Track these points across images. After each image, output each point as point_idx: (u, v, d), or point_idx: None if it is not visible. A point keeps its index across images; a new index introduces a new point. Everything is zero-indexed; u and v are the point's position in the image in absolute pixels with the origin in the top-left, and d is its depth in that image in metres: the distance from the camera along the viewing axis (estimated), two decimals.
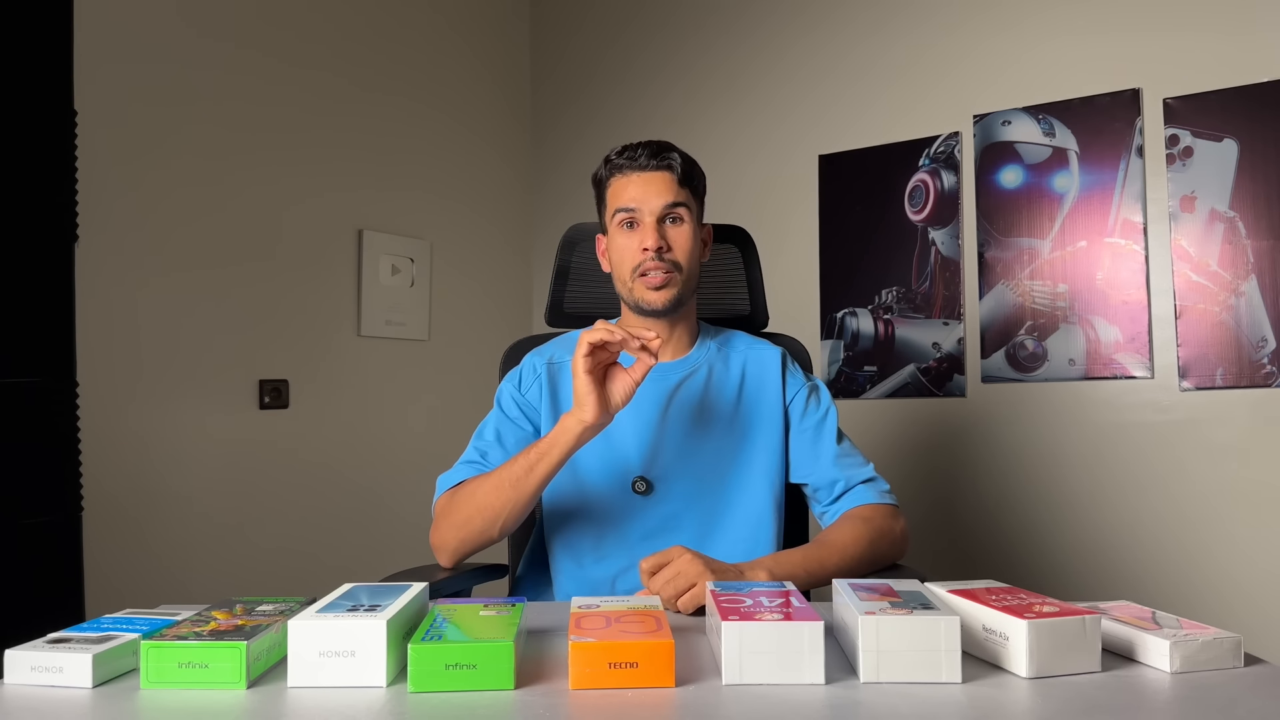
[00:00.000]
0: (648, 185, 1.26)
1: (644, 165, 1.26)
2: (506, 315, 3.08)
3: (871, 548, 1.19)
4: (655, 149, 1.27)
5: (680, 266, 1.26)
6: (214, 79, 2.25)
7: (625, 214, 1.27)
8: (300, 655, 0.75)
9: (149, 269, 2.11)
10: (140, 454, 2.09)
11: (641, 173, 1.27)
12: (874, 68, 2.55)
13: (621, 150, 1.29)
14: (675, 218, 1.27)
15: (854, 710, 0.69)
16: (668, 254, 1.25)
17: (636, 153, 1.27)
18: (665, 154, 1.27)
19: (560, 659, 0.81)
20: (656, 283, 1.25)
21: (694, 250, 1.28)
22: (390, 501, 2.63)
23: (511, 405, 1.32)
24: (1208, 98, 2.08)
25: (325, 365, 2.50)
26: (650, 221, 1.25)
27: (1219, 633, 0.79)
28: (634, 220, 1.26)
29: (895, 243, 2.49)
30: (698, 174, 1.31)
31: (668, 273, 1.25)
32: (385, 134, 2.69)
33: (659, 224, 1.25)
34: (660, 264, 1.24)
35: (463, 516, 1.20)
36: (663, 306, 1.26)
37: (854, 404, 2.53)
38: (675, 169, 1.26)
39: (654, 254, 1.24)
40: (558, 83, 3.17)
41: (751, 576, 1.06)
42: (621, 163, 1.28)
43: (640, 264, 1.25)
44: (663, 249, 1.24)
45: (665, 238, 1.25)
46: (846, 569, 1.14)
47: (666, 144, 1.29)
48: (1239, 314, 2.04)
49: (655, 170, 1.26)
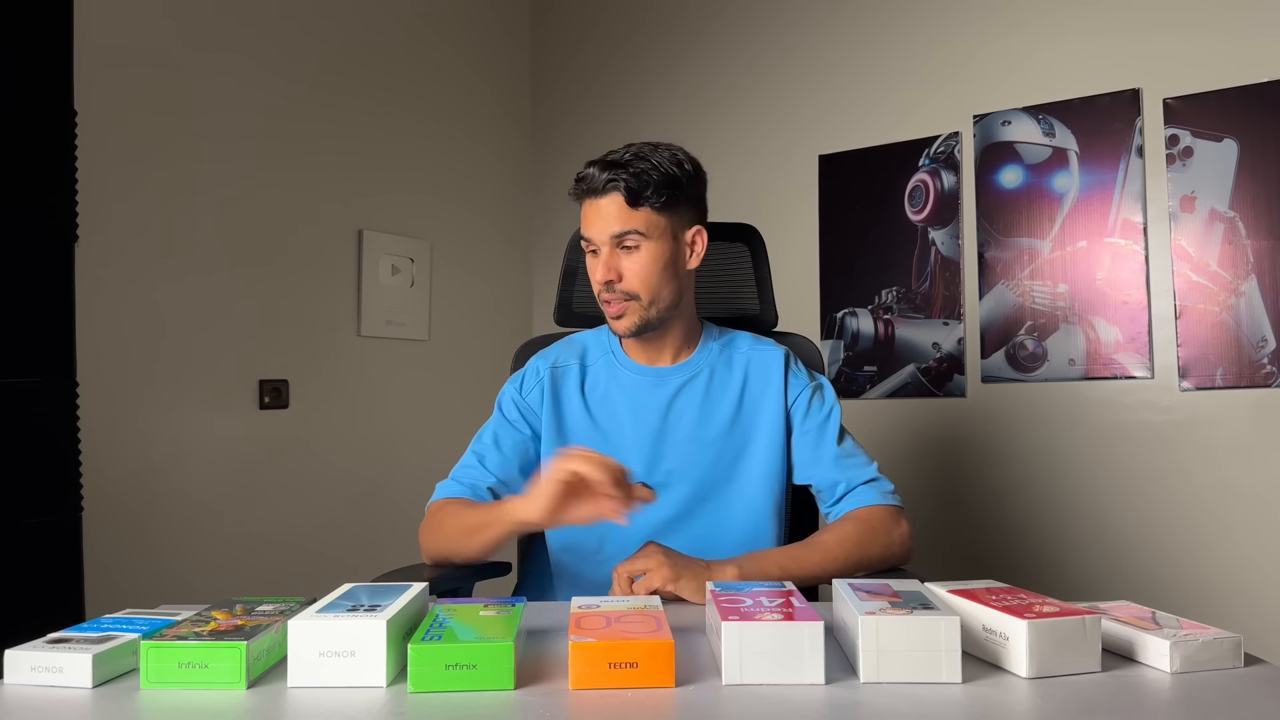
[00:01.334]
0: (598, 214, 1.22)
1: (596, 190, 1.21)
2: (507, 316, 3.08)
3: (860, 549, 1.19)
4: (604, 168, 1.20)
5: (636, 294, 1.23)
6: (215, 80, 2.25)
7: (586, 242, 1.25)
8: (300, 655, 0.75)
9: (149, 269, 2.11)
10: (140, 454, 2.09)
11: (594, 199, 1.22)
12: (874, 68, 2.55)
13: (582, 172, 1.23)
14: (629, 245, 1.21)
15: (854, 710, 0.69)
16: (619, 284, 1.22)
17: (589, 176, 1.21)
18: (614, 173, 1.19)
19: (560, 659, 0.81)
20: (612, 312, 1.24)
21: (653, 274, 1.22)
22: (390, 501, 2.63)
23: (511, 408, 1.32)
24: (1208, 98, 2.08)
25: (325, 365, 2.50)
26: (604, 251, 1.22)
27: (1219, 633, 0.79)
28: (594, 249, 1.24)
29: (895, 243, 2.49)
30: (665, 184, 1.21)
31: (623, 302, 1.23)
32: (385, 135, 2.68)
33: (615, 250, 1.22)
34: (614, 294, 1.23)
35: (438, 540, 1.22)
36: (624, 334, 1.26)
37: (854, 404, 2.53)
38: (623, 190, 1.19)
39: (604, 286, 1.23)
40: (558, 84, 3.17)
41: (718, 574, 1.07)
42: (581, 189, 1.23)
43: (599, 293, 1.25)
44: (613, 280, 1.22)
45: (619, 266, 1.22)
46: (829, 570, 1.14)
47: (620, 159, 1.21)
48: (1239, 314, 2.04)
49: (604, 194, 1.21)
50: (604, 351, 1.35)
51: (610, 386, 1.31)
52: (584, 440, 1.28)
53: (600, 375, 1.33)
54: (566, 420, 1.30)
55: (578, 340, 1.38)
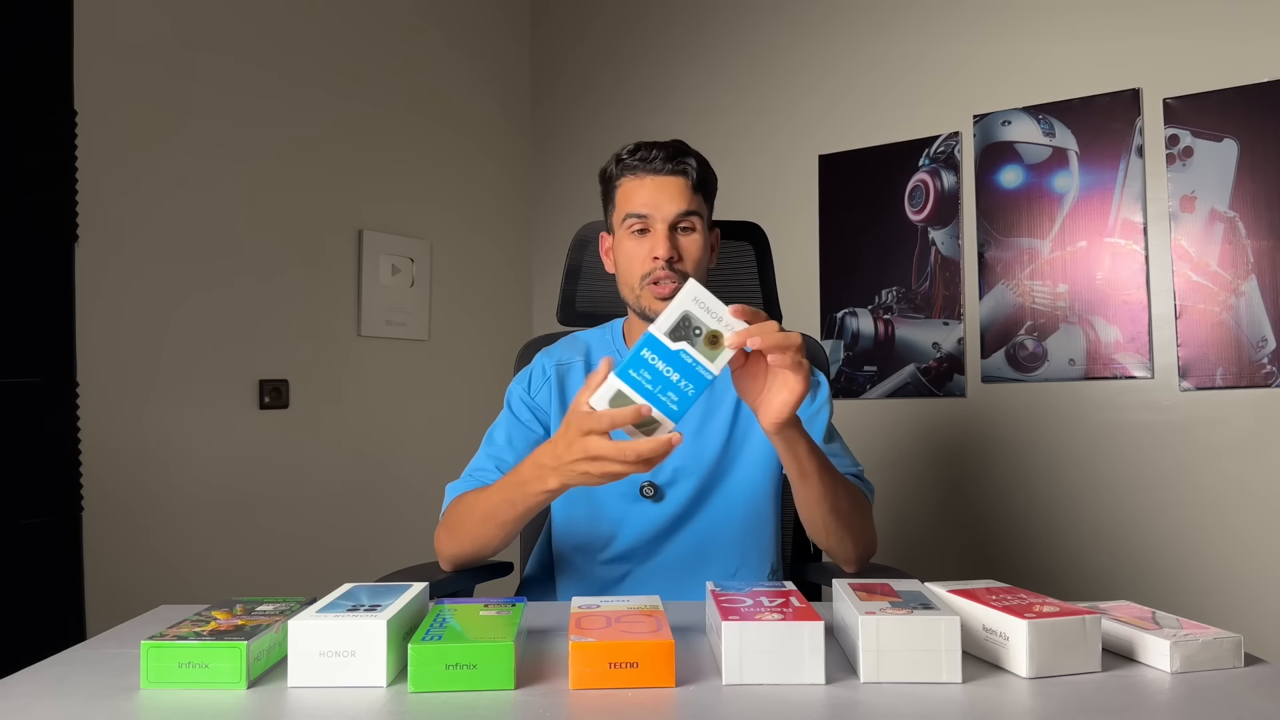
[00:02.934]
0: (661, 191, 1.21)
1: (659, 169, 1.21)
2: (506, 315, 3.08)
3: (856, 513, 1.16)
4: (671, 151, 1.22)
5: (689, 277, 1.23)
6: (216, 81, 2.25)
7: (636, 219, 1.22)
8: (300, 655, 0.75)
9: (149, 269, 2.11)
10: (140, 454, 2.09)
11: (656, 176, 1.21)
12: (874, 68, 2.55)
13: (635, 149, 1.23)
14: (688, 227, 1.22)
15: (854, 710, 0.69)
16: (678, 264, 1.21)
17: (651, 154, 1.21)
18: (682, 158, 1.22)
19: (560, 659, 0.81)
20: (665, 292, 1.21)
21: (703, 259, 1.25)
22: (391, 501, 2.63)
23: (521, 408, 1.32)
24: (1208, 98, 2.08)
25: (325, 365, 2.50)
26: (662, 229, 1.21)
27: (1219, 633, 0.79)
28: (645, 227, 1.22)
29: (895, 243, 2.49)
30: (711, 179, 1.27)
31: (678, 282, 1.21)
32: (385, 135, 2.68)
33: (670, 232, 1.21)
34: (670, 274, 1.21)
35: (459, 535, 1.19)
36: None
37: (854, 404, 2.53)
38: (691, 175, 1.22)
39: (664, 263, 1.20)
40: (558, 84, 3.17)
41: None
42: (634, 164, 1.22)
43: (650, 272, 1.22)
44: (673, 259, 1.21)
45: (677, 246, 1.22)
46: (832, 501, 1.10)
47: (682, 146, 1.24)
48: (1239, 314, 2.04)
49: (670, 175, 1.21)
50: (609, 350, 1.35)
51: None
52: None
53: None
54: None
55: (581, 339, 1.38)
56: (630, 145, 1.25)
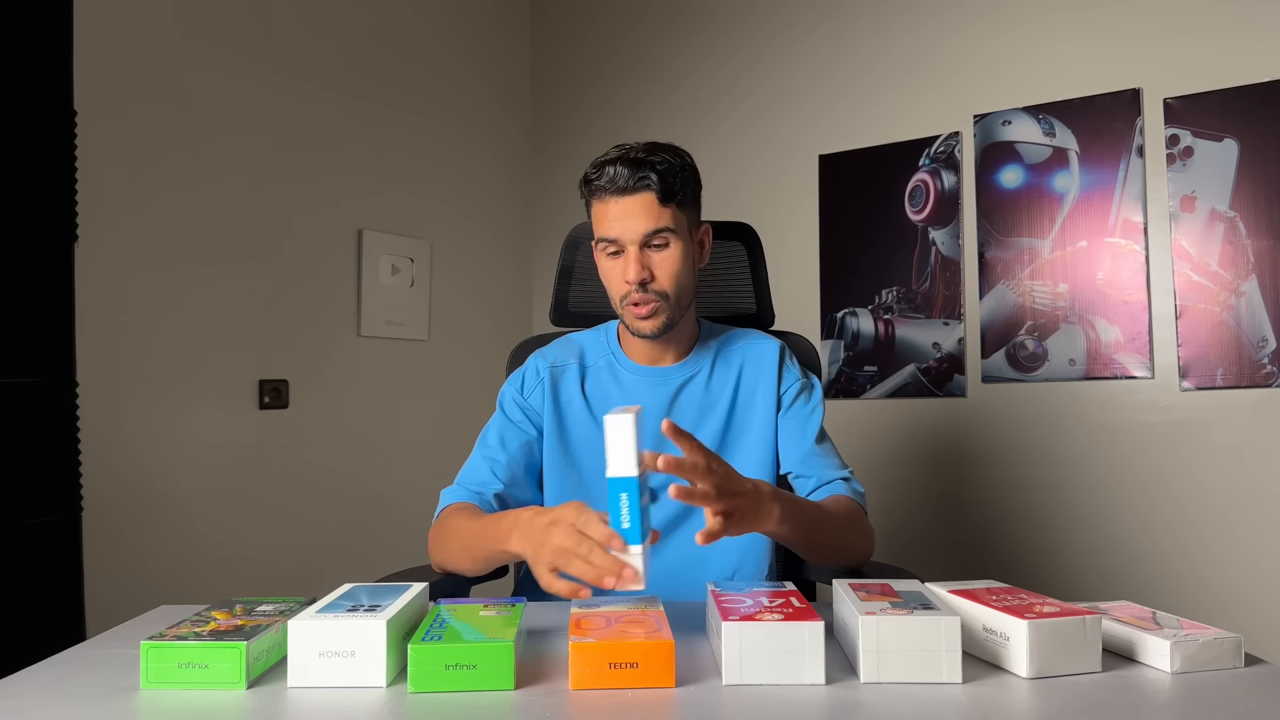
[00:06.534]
0: (627, 212, 1.18)
1: (622, 188, 1.17)
2: (506, 316, 3.08)
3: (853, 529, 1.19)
4: (632, 166, 1.16)
5: (666, 294, 1.21)
6: (215, 80, 2.25)
7: (607, 244, 1.21)
8: (300, 655, 0.75)
9: (149, 269, 2.11)
10: (140, 454, 2.08)
11: (620, 198, 1.18)
12: (875, 68, 2.55)
13: (598, 168, 1.19)
14: (659, 243, 1.19)
15: (854, 710, 0.69)
16: (652, 284, 1.20)
17: (613, 173, 1.17)
18: (643, 172, 1.16)
19: (560, 659, 0.81)
20: (643, 313, 1.21)
21: (682, 271, 1.21)
22: (390, 501, 2.63)
23: (514, 409, 1.32)
24: (1208, 98, 2.08)
25: (325, 365, 2.50)
26: (633, 251, 1.18)
27: (1219, 633, 0.79)
28: (617, 249, 1.21)
29: (895, 243, 2.49)
30: (686, 180, 1.21)
31: (655, 302, 1.21)
32: (385, 135, 2.68)
33: (642, 250, 1.19)
34: (646, 295, 1.20)
35: (440, 552, 1.20)
36: (652, 334, 1.24)
37: (854, 404, 2.53)
38: (654, 187, 1.17)
39: (637, 286, 1.19)
40: (558, 84, 3.17)
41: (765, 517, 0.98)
42: (600, 185, 1.19)
43: (627, 294, 1.21)
44: (646, 280, 1.19)
45: (649, 265, 1.20)
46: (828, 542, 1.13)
47: (643, 157, 1.18)
48: (1239, 314, 2.04)
49: (633, 193, 1.17)
50: (604, 352, 1.35)
51: (611, 387, 1.31)
52: (586, 440, 1.28)
53: (601, 375, 1.33)
54: (568, 421, 1.30)
55: (575, 340, 1.38)
56: (596, 160, 1.21)
